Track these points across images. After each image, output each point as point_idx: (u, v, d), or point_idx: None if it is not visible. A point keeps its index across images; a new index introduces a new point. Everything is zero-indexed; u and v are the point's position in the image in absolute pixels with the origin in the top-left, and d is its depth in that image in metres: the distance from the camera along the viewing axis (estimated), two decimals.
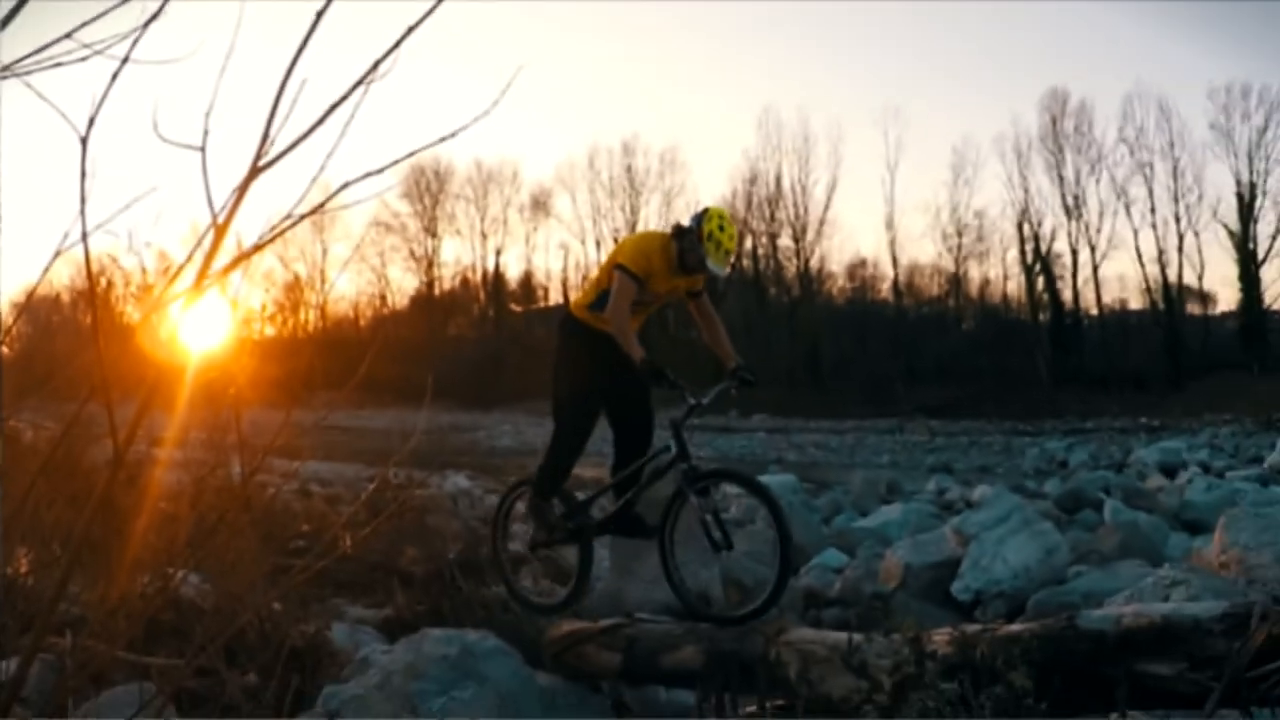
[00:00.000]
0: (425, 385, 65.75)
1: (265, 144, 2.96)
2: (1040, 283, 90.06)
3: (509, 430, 77.03)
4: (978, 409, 78.19)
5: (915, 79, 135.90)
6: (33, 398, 5.74)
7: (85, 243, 2.91)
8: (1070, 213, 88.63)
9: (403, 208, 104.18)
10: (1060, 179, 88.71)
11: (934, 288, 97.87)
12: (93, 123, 2.77)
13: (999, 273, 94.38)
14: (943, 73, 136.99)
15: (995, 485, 27.89)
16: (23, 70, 2.73)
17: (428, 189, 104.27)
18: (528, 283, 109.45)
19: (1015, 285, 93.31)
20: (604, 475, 8.91)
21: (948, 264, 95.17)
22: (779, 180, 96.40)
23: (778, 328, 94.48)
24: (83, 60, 2.73)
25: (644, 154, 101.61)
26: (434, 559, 11.87)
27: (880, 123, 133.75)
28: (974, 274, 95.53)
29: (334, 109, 2.94)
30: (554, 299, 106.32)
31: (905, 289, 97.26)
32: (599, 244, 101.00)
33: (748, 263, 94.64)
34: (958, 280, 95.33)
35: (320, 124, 2.94)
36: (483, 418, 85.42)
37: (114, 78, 2.79)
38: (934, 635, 6.11)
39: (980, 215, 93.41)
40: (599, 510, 8.20)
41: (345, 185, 3.10)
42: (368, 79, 2.96)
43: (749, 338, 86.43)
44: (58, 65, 2.74)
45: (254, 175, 2.99)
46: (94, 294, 3.96)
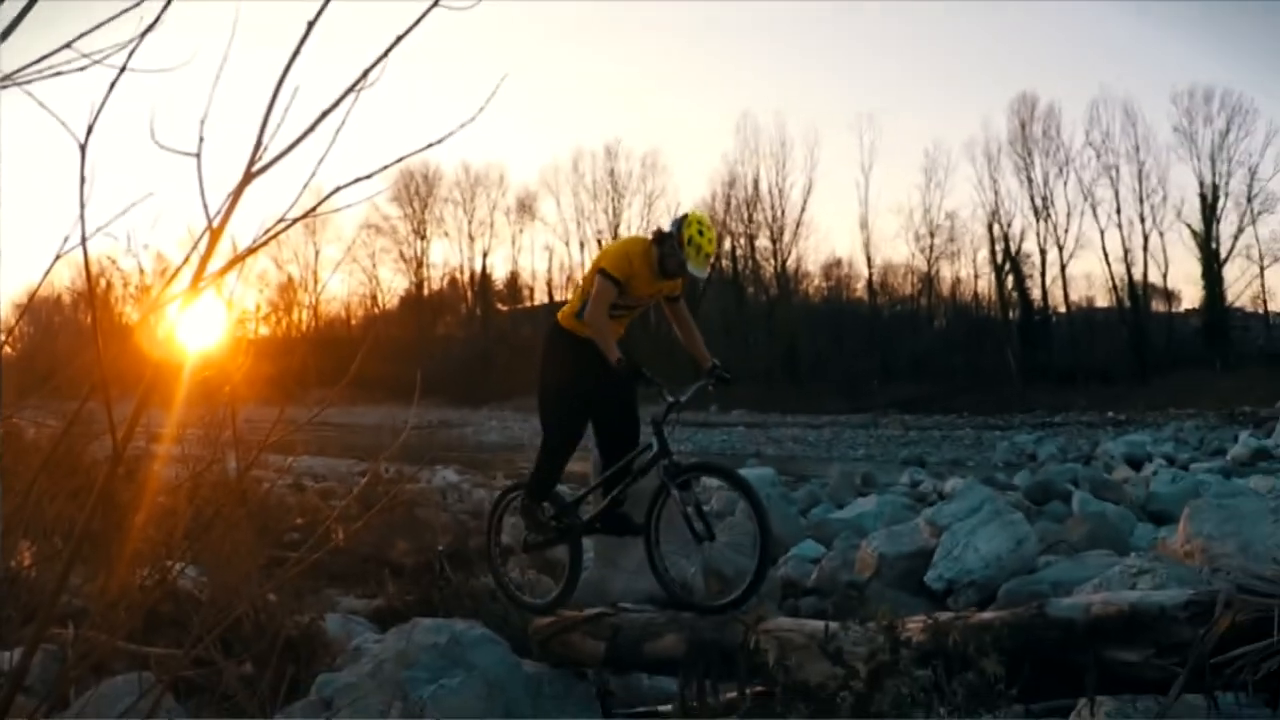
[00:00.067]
0: (415, 383, 65.83)
1: (259, 150, 2.95)
2: (1010, 281, 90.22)
3: (496, 426, 77.06)
4: (950, 404, 78.28)
5: (888, 85, 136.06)
6: (34, 396, 5.73)
7: (85, 246, 2.90)
8: (1039, 214, 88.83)
9: (393, 211, 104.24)
10: (1029, 181, 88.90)
11: (907, 287, 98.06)
12: (91, 130, 2.77)
13: (970, 272, 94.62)
14: (915, 79, 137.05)
15: (967, 478, 28.05)
16: (23, 79, 2.73)
17: (417, 193, 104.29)
18: (514, 283, 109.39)
19: (986, 284, 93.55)
20: (586, 468, 8.93)
21: (920, 264, 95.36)
22: (757, 183, 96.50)
23: (756, 326, 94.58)
24: (82, 70, 2.73)
25: (626, 158, 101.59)
26: (424, 551, 11.88)
27: (854, 127, 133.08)
28: (946, 273, 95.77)
29: (325, 116, 2.94)
30: (539, 299, 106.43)
31: (879, 288, 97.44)
32: (583, 245, 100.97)
33: (726, 263, 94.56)
34: (930, 279, 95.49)
35: (312, 131, 2.94)
36: (471, 414, 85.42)
37: (112, 86, 2.79)
38: (908, 623, 6.13)
39: (952, 216, 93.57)
40: (587, 509, 8.20)
41: (337, 190, 3.10)
42: (358, 87, 2.97)
43: (728, 336, 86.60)
44: (58, 75, 2.74)
45: (248, 181, 2.99)
46: (93, 295, 3.94)
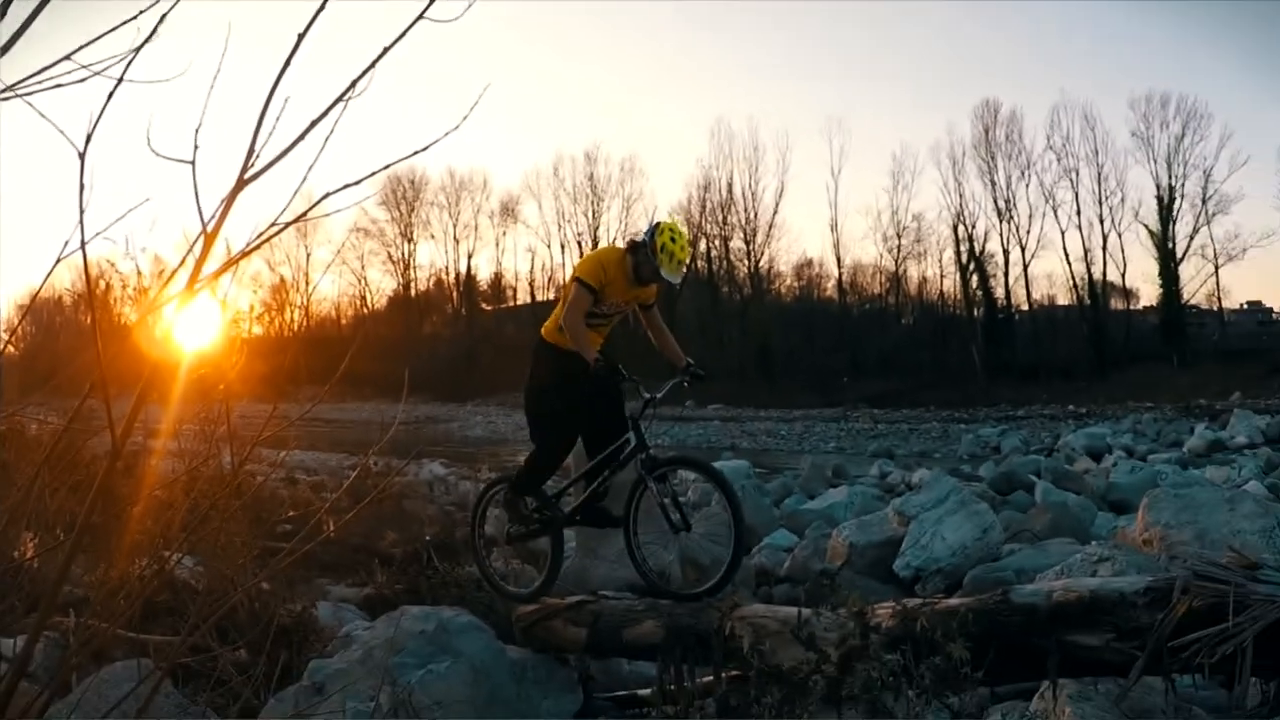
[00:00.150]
0: (403, 380, 65.69)
1: (251, 157, 2.97)
2: (974, 281, 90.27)
3: (481, 421, 77.09)
4: (917, 399, 78.30)
5: (857, 92, 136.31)
6: (36, 394, 5.73)
7: (84, 249, 2.91)
8: (1002, 215, 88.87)
9: (381, 215, 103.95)
10: (992, 184, 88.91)
11: (876, 286, 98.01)
12: (90, 139, 2.78)
13: (936, 272, 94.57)
14: (882, 86, 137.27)
15: (934, 469, 28.02)
16: (25, 90, 2.74)
17: (404, 197, 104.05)
18: (497, 284, 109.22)
19: (951, 283, 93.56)
20: (568, 460, 8.93)
21: (888, 264, 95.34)
22: (731, 186, 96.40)
23: (730, 324, 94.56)
24: (81, 82, 2.74)
25: (605, 163, 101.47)
26: (412, 541, 11.87)
27: (825, 132, 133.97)
28: (913, 273, 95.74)
29: (315, 125, 2.95)
30: (522, 299, 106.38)
31: (849, 287, 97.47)
32: (564, 247, 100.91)
33: (702, 264, 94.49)
34: (898, 279, 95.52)
35: (302, 139, 2.95)
36: (457, 409, 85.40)
37: (110, 97, 2.79)
38: (877, 609, 6.15)
39: (918, 218, 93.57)
40: (568, 502, 8.21)
41: (327, 195, 3.12)
42: (346, 96, 2.98)
43: (703, 334, 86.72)
44: (58, 86, 2.74)
45: (241, 186, 3.00)
46: (93, 297, 3.94)
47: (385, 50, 2.98)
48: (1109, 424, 58.59)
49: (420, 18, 2.95)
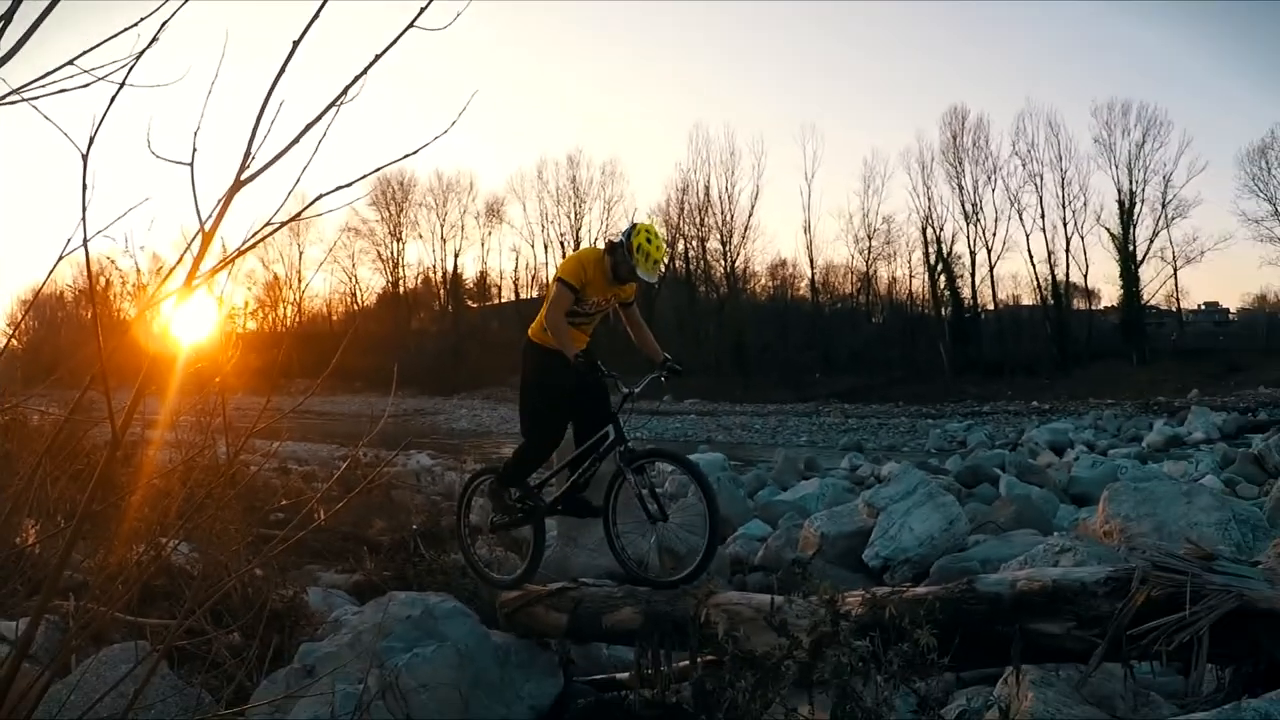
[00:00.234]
0: (392, 374, 65.44)
1: (247, 159, 2.97)
2: (942, 281, 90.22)
3: (466, 414, 76.97)
4: (886, 394, 78.30)
5: (830, 99, 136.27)
6: (39, 386, 5.71)
7: (86, 247, 2.90)
8: (969, 218, 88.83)
9: (371, 215, 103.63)
10: (960, 188, 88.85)
11: (847, 286, 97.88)
12: (93, 141, 2.78)
13: (905, 272, 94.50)
14: (854, 93, 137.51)
15: (902, 463, 28.13)
16: (30, 94, 2.73)
17: (393, 198, 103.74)
18: (483, 282, 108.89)
19: (920, 283, 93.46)
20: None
21: (859, 264, 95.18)
22: (708, 189, 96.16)
23: (707, 322, 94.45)
24: (85, 87, 2.74)
25: (587, 166, 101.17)
26: (399, 530, 11.88)
27: (798, 138, 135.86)
28: (883, 273, 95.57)
29: (309, 128, 2.95)
30: (506, 297, 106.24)
31: (821, 287, 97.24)
32: (547, 247, 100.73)
33: (680, 264, 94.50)
34: (868, 279, 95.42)
35: (296, 142, 2.95)
36: (443, 403, 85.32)
37: (112, 101, 2.79)
38: (848, 597, 6.16)
39: (888, 220, 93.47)
40: (550, 492, 8.21)
41: (320, 196, 3.12)
42: (339, 101, 2.98)
43: (681, 331, 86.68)
44: (62, 91, 2.74)
45: (237, 187, 3.00)
46: (94, 293, 3.94)
47: (377, 57, 2.98)
48: (1071, 420, 58.83)
49: (411, 26, 2.96)
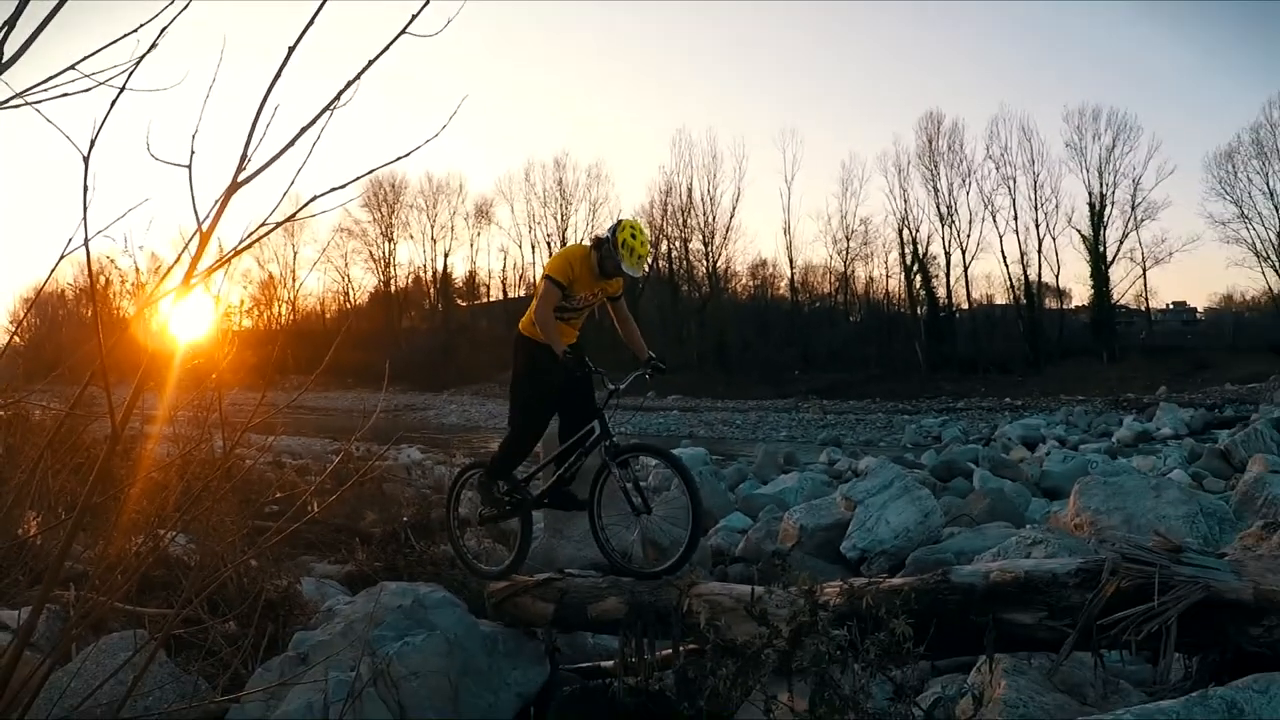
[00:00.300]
0: (383, 370, 65.43)
1: (244, 162, 2.98)
2: (918, 281, 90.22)
3: (455, 409, 76.87)
4: (864, 391, 78.31)
5: (809, 104, 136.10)
6: (41, 381, 5.70)
7: (87, 246, 2.91)
8: (944, 220, 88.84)
9: (363, 216, 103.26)
10: (935, 191, 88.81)
11: (826, 285, 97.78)
12: (94, 144, 2.78)
13: (882, 272, 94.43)
14: (833, 99, 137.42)
15: (879, 457, 28.16)
16: (33, 98, 2.73)
17: (385, 200, 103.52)
18: (472, 281, 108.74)
19: (896, 283, 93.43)
20: (537, 447, 8.95)
21: (838, 265, 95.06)
22: (690, 192, 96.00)
23: (689, 320, 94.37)
24: (86, 91, 2.74)
25: (573, 169, 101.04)
26: (390, 522, 11.87)
27: (778, 142, 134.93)
28: (860, 273, 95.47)
29: (303, 132, 2.96)
30: (495, 296, 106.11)
31: (800, 286, 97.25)
32: (534, 248, 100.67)
33: (663, 264, 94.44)
34: (846, 279, 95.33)
35: (291, 145, 2.96)
36: (433, 399, 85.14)
37: (112, 105, 2.80)
38: (826, 588, 6.17)
39: (866, 222, 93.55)
40: (536, 486, 8.22)
41: (314, 198, 3.13)
42: (333, 105, 2.99)
43: (664, 328, 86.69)
44: (64, 95, 2.74)
45: (234, 189, 3.01)
46: (94, 291, 3.93)
47: (370, 63, 2.99)
48: (1043, 415, 58.97)
49: (403, 32, 2.97)
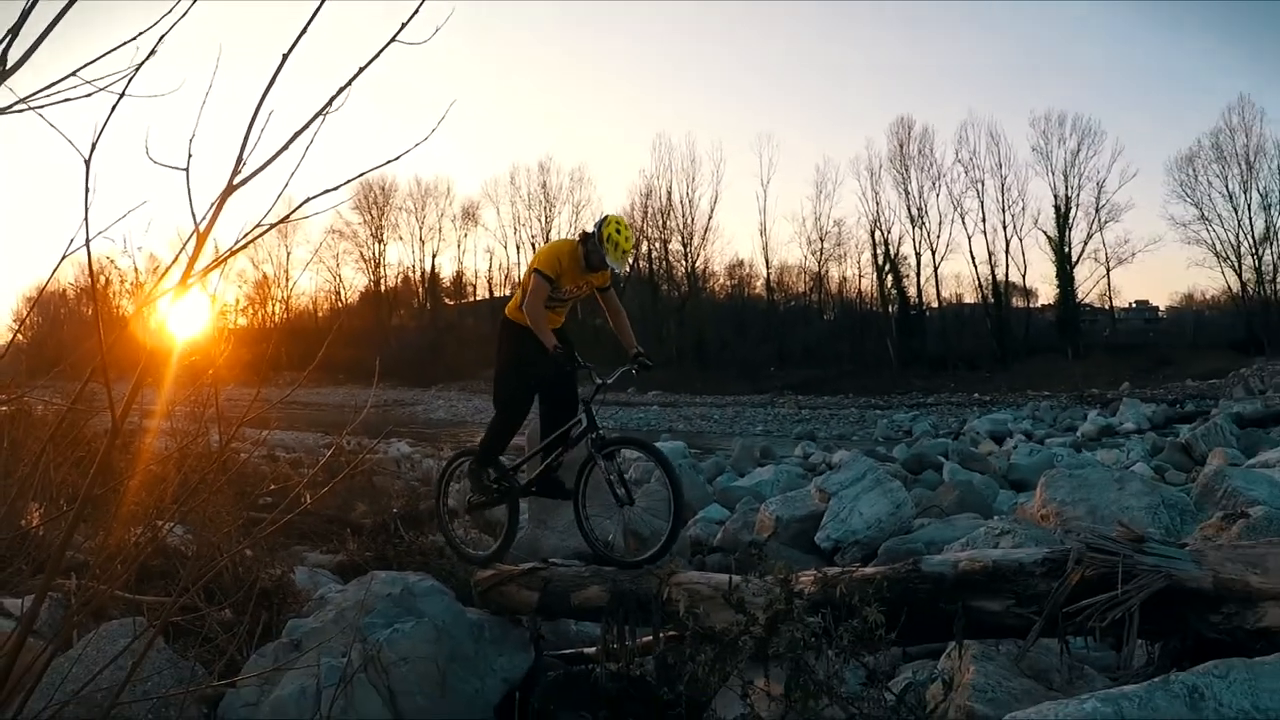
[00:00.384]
0: (373, 367, 65.06)
1: (239, 165, 2.97)
2: (889, 280, 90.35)
3: (443, 405, 76.83)
4: (837, 386, 78.39)
5: (784, 109, 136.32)
6: (43, 377, 5.69)
7: (88, 247, 2.90)
8: (915, 222, 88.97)
9: (354, 218, 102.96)
10: (906, 193, 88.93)
11: (800, 285, 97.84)
12: (94, 148, 2.78)
13: (855, 272, 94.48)
14: (808, 104, 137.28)
15: (852, 450, 28.17)
16: (36, 103, 2.73)
17: (375, 202, 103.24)
18: (459, 281, 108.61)
19: (868, 283, 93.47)
20: (522, 441, 8.97)
21: (812, 265, 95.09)
22: (670, 194, 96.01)
23: (669, 319, 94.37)
24: (88, 97, 2.73)
25: (557, 173, 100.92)
26: (380, 513, 11.84)
27: (755, 146, 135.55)
28: (834, 273, 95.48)
29: (297, 136, 2.96)
30: (481, 295, 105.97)
31: (776, 286, 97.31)
32: (519, 249, 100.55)
33: (644, 264, 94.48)
34: (820, 279, 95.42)
35: (285, 149, 2.95)
36: (421, 394, 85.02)
37: (112, 110, 2.79)
38: (801, 577, 6.18)
39: (839, 224, 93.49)
40: (523, 475, 8.24)
41: (307, 200, 3.13)
42: (325, 110, 2.99)
43: (645, 327, 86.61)
44: (66, 100, 2.73)
45: (230, 191, 3.00)
46: (95, 291, 3.93)
47: (361, 70, 2.99)
48: (1010, 410, 59.07)
49: (393, 40, 2.97)
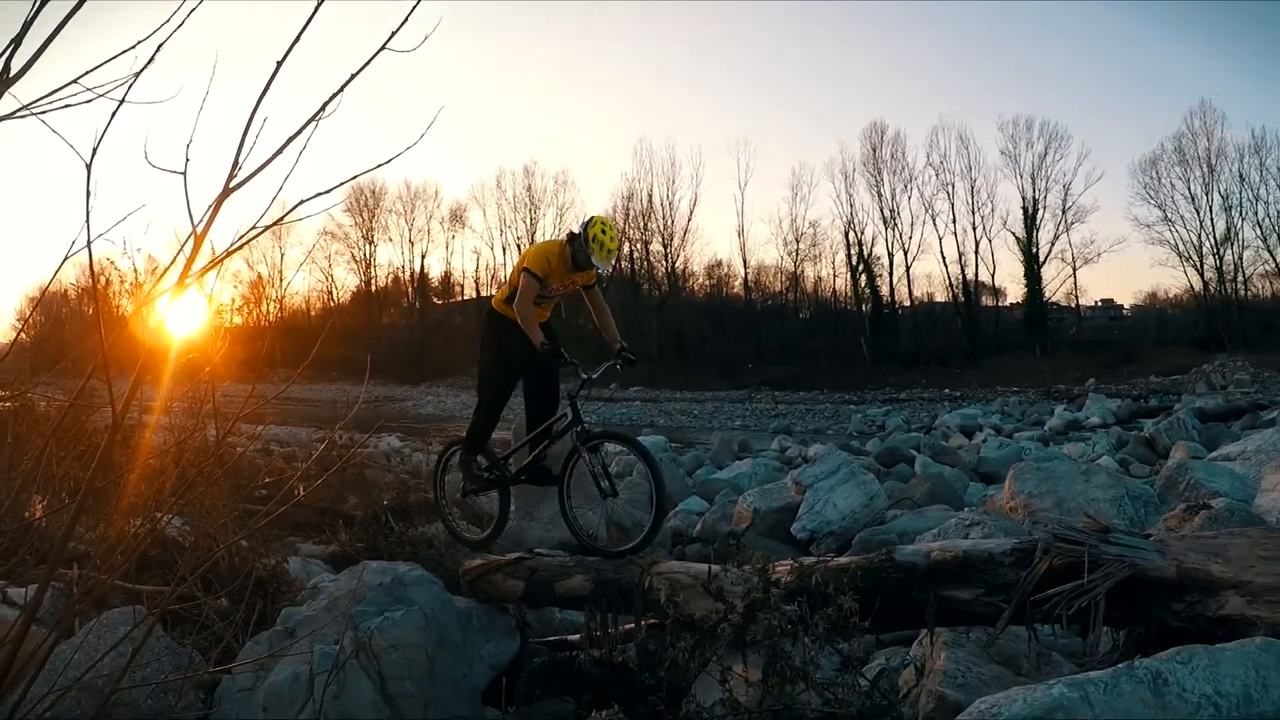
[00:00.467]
0: (364, 364, 65.32)
1: (235, 169, 2.98)
2: (863, 280, 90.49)
3: (432, 400, 76.66)
4: (813, 382, 78.47)
5: (761, 114, 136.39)
6: (45, 375, 5.67)
7: (89, 248, 2.91)
8: (887, 223, 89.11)
9: (346, 220, 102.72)
10: (879, 196, 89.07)
11: (777, 284, 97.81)
12: (95, 152, 2.78)
13: (830, 272, 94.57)
14: (784, 110, 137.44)
15: (827, 444, 28.16)
16: (39, 109, 2.73)
17: (366, 205, 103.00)
18: (447, 281, 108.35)
19: (843, 282, 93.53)
20: (507, 436, 8.98)
21: (788, 265, 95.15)
22: (651, 197, 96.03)
23: (650, 317, 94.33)
24: (88, 103, 2.73)
25: (541, 176, 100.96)
26: (372, 505, 11.85)
27: (733, 150, 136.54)
28: (809, 273, 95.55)
29: (290, 141, 2.97)
30: (469, 294, 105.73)
31: (754, 285, 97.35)
32: (505, 249, 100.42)
33: (625, 264, 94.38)
34: (796, 278, 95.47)
35: (280, 153, 2.96)
36: (411, 390, 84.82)
37: (112, 116, 2.79)
38: (778, 566, 6.20)
39: (814, 225, 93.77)
40: (514, 464, 8.26)
41: (300, 203, 3.14)
42: (318, 116, 3.00)
43: (626, 325, 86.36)
44: (67, 106, 2.73)
45: (226, 194, 3.01)
46: (96, 291, 3.94)
47: (352, 77, 3.00)
48: (980, 405, 59.29)
49: (383, 48, 2.98)
